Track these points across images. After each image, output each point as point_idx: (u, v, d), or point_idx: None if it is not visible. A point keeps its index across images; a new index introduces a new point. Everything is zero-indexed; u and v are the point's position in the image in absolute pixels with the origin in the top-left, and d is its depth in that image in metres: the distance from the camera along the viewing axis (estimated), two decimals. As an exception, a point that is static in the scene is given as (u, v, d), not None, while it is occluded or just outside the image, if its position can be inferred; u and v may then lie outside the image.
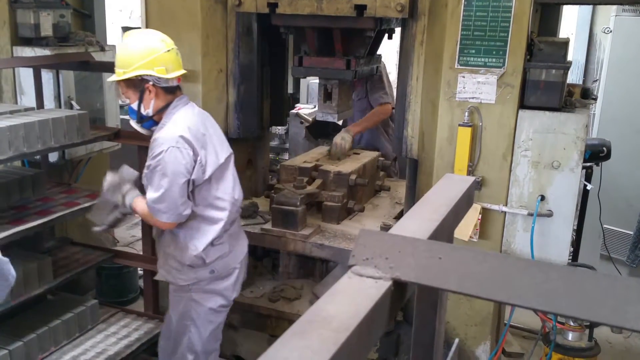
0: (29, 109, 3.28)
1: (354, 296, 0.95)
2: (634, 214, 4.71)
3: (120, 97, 2.79)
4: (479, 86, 2.84)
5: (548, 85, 2.77)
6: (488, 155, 2.89)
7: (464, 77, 2.86)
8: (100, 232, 3.01)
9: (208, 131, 2.77)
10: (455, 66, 2.87)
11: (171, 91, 2.71)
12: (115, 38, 7.35)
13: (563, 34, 4.32)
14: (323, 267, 3.69)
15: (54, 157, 3.90)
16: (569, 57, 2.93)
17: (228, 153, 2.84)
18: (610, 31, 4.86)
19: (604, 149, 3.90)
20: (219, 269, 2.84)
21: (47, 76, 3.85)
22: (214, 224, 2.77)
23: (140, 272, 4.57)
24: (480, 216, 2.90)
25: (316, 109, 4.28)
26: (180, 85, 2.76)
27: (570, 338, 3.11)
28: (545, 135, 2.79)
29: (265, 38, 3.63)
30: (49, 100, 3.84)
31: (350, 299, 0.94)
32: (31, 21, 3.85)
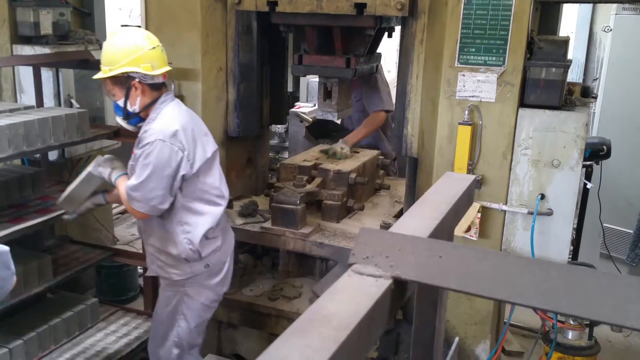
0: (28, 108, 3.28)
1: (355, 295, 0.95)
2: (634, 213, 4.71)
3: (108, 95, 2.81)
4: (479, 84, 2.84)
5: (548, 84, 2.76)
6: (488, 154, 2.89)
7: (464, 76, 2.86)
8: (68, 220, 3.09)
9: (196, 126, 2.82)
10: (455, 64, 2.86)
11: (157, 88, 2.75)
12: (114, 36, 7.31)
13: (563, 32, 4.32)
14: (323, 266, 3.68)
15: (53, 156, 3.90)
16: (569, 56, 2.93)
17: (215, 148, 2.90)
18: (611, 30, 4.86)
19: (604, 147, 3.90)
20: (213, 263, 2.89)
21: (47, 74, 3.85)
22: (204, 216, 2.82)
23: (140, 271, 4.57)
24: (479, 215, 2.90)
25: (316, 107, 4.28)
26: (165, 82, 2.80)
27: (570, 337, 3.11)
28: (545, 133, 2.78)
29: (265, 36, 3.62)
30: (49, 99, 3.84)
31: (350, 297, 0.94)
32: (31, 19, 3.85)
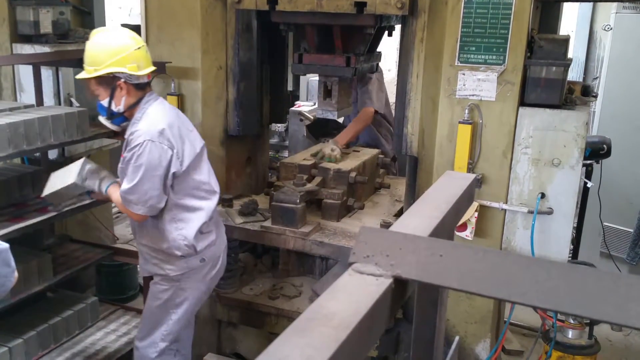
0: (28, 106, 3.27)
1: (355, 294, 0.95)
2: (634, 212, 4.71)
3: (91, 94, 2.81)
4: (479, 83, 2.83)
5: (548, 83, 2.76)
6: (488, 153, 2.89)
7: (464, 75, 2.85)
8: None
9: (183, 124, 2.84)
10: (456, 63, 2.86)
11: (141, 87, 2.76)
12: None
13: (563, 31, 4.32)
14: (323, 265, 3.68)
15: (53, 154, 3.89)
16: (569, 55, 2.92)
17: (202, 143, 2.92)
18: (611, 28, 4.86)
19: (604, 146, 3.90)
20: (208, 257, 2.91)
21: (47, 73, 3.84)
22: (197, 212, 2.84)
23: (140, 270, 4.57)
24: (477, 214, 2.89)
25: (316, 106, 4.28)
26: (150, 82, 2.80)
27: (570, 336, 3.11)
28: (546, 132, 2.78)
29: (265, 35, 3.62)
30: (49, 98, 3.84)
31: (351, 296, 0.94)
32: (31, 18, 3.85)
